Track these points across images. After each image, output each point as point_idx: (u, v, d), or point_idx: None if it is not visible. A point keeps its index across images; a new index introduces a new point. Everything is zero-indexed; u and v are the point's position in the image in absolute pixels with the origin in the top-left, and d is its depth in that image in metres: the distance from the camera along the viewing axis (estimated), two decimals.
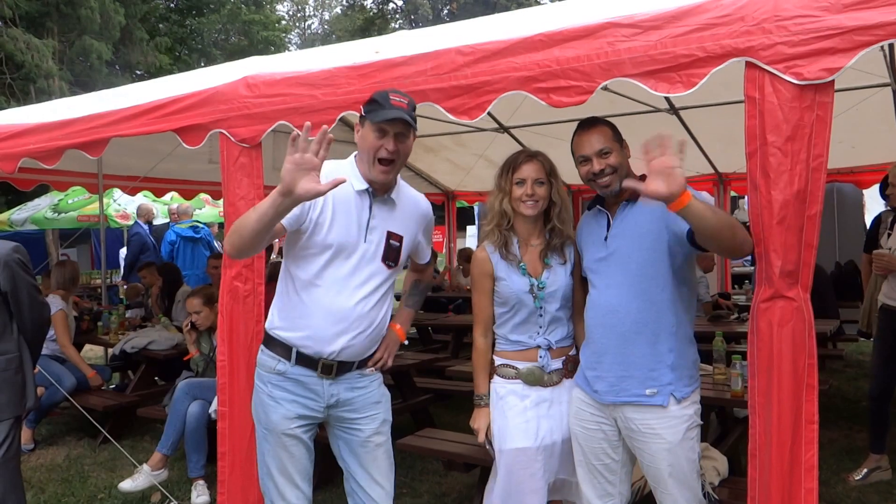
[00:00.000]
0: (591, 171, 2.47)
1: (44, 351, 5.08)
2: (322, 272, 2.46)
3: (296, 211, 2.30)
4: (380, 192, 2.52)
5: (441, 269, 10.05)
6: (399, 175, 2.57)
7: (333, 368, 2.51)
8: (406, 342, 2.79)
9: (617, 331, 2.43)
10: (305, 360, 2.50)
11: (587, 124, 2.52)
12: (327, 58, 3.19)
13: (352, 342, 2.49)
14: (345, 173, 2.43)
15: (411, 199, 2.66)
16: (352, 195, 2.47)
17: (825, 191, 2.24)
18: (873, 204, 8.55)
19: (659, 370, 2.38)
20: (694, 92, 2.33)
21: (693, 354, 2.47)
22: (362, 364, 2.60)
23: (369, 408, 2.61)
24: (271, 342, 2.56)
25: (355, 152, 2.54)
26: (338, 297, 2.46)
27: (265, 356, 2.58)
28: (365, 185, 2.48)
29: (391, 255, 2.54)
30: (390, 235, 2.54)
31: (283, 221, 2.33)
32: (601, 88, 2.48)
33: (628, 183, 2.19)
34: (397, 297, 2.86)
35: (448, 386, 5.63)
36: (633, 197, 2.43)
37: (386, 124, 2.37)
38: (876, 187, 5.50)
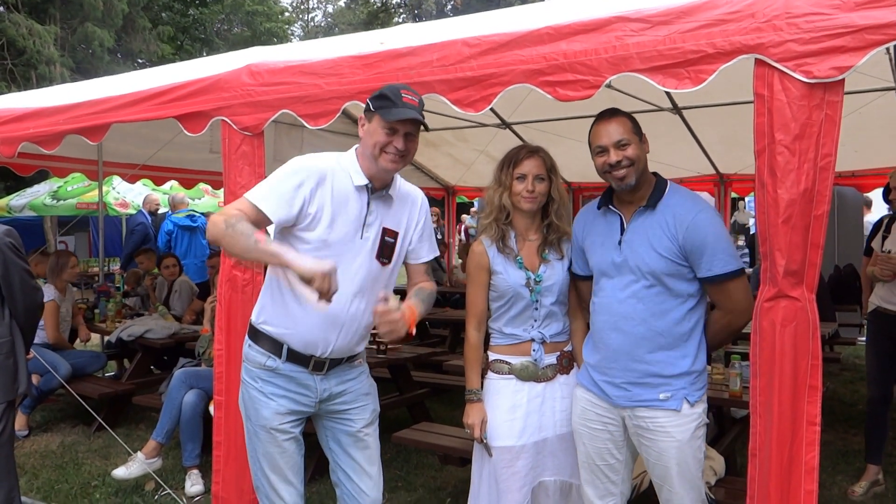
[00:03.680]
0: (608, 162, 2.39)
1: (37, 340, 5.08)
2: None
3: (291, 211, 2.29)
4: (378, 187, 2.46)
5: None
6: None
7: (325, 365, 2.49)
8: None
9: (631, 337, 2.40)
10: (296, 357, 2.46)
11: (607, 114, 2.46)
12: (332, 48, 3.17)
13: (342, 342, 2.47)
14: (344, 167, 2.40)
15: (407, 193, 2.59)
16: (350, 190, 2.41)
17: None
18: (878, 208, 8.55)
19: (673, 376, 2.37)
20: (698, 92, 2.31)
21: (704, 359, 2.46)
22: (351, 358, 2.58)
23: (360, 399, 2.60)
24: (259, 337, 2.50)
25: (356, 146, 2.48)
26: None
27: (253, 351, 2.51)
28: (365, 181, 2.41)
29: (385, 251, 2.49)
30: (385, 231, 2.48)
31: (272, 216, 2.29)
32: (605, 86, 2.45)
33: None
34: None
35: (445, 380, 5.62)
36: (651, 203, 2.40)
37: (397, 123, 2.32)
38: (880, 191, 5.44)
